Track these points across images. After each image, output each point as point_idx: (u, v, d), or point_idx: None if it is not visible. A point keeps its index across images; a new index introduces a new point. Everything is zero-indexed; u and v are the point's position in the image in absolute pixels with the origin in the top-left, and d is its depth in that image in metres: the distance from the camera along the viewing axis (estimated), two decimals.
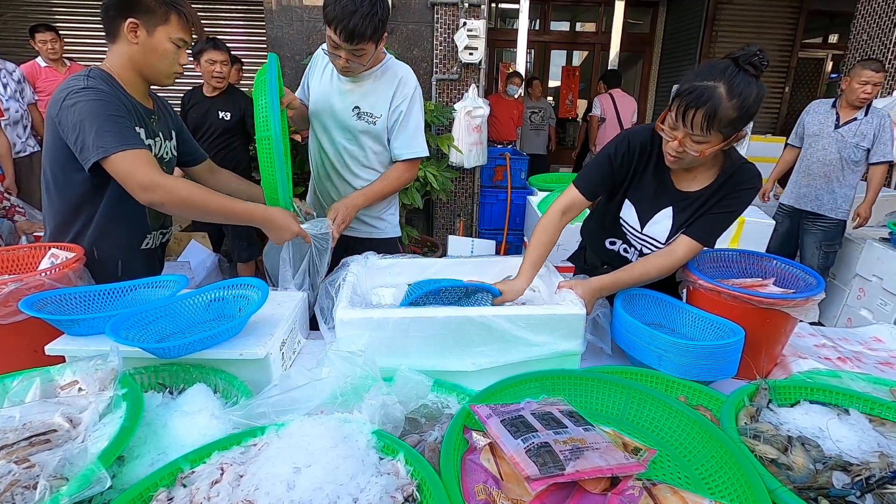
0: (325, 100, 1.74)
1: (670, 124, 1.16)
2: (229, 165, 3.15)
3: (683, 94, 1.10)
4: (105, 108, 1.25)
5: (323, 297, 1.33)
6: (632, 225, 1.38)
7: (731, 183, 1.26)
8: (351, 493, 0.69)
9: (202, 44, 2.94)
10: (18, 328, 1.15)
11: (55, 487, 0.67)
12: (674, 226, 1.32)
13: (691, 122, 1.09)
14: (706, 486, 0.81)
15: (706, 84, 1.08)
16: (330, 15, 1.42)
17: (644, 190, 1.33)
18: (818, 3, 7.22)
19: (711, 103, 1.06)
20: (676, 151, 1.17)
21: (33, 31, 4.21)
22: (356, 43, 1.45)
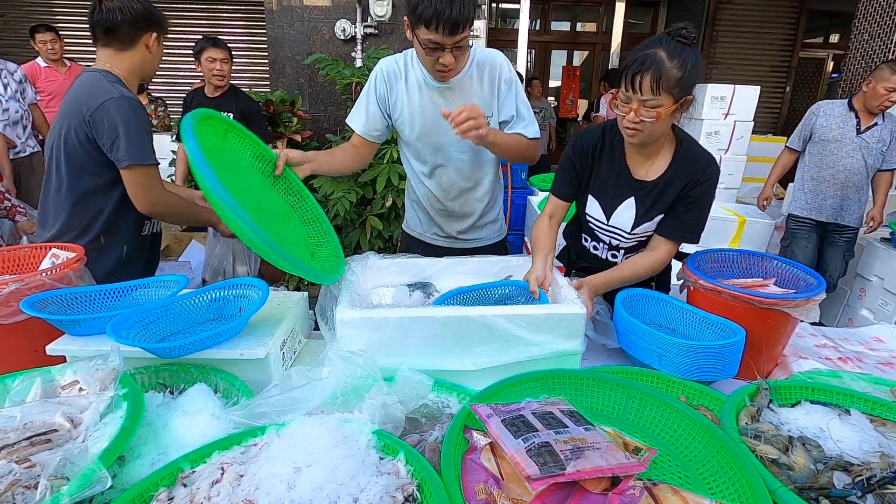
0: (428, 121, 1.55)
1: (622, 99, 1.23)
2: None
3: (629, 65, 1.18)
4: (139, 118, 1.49)
5: (323, 298, 1.33)
6: (597, 218, 1.44)
7: (688, 171, 1.31)
8: (351, 492, 0.69)
9: (202, 42, 2.94)
10: (19, 328, 1.15)
11: (56, 487, 0.67)
12: (637, 214, 1.38)
13: (640, 86, 1.16)
14: (707, 486, 0.81)
15: (647, 51, 1.16)
16: (427, 13, 1.27)
17: (604, 183, 1.41)
18: (819, 3, 7.22)
19: (656, 65, 1.15)
20: (633, 122, 1.22)
21: (33, 32, 4.22)
22: (461, 31, 1.31)
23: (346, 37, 3.86)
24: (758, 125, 4.47)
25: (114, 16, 1.49)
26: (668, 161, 1.34)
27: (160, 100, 5.30)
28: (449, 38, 1.32)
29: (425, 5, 1.27)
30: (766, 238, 3.67)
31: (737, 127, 4.07)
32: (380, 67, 1.58)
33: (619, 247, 1.46)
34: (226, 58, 2.99)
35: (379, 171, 3.35)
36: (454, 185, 1.68)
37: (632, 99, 1.19)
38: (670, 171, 1.33)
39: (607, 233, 1.45)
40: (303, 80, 4.02)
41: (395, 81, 1.57)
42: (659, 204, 1.35)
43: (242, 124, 3.23)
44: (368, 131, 1.63)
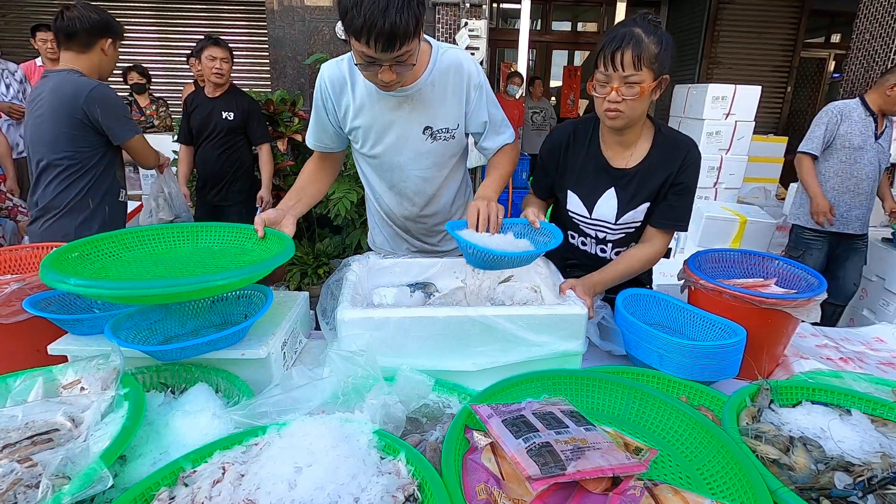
0: (383, 135, 1.39)
1: (601, 80, 1.21)
2: (234, 165, 3.18)
3: (606, 44, 1.18)
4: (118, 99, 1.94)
5: (325, 298, 1.33)
6: (580, 214, 1.43)
7: (673, 157, 1.32)
8: (352, 492, 0.69)
9: (203, 41, 2.94)
10: (21, 328, 1.16)
11: (57, 486, 0.67)
12: (619, 204, 1.37)
13: (622, 62, 1.16)
14: (708, 486, 0.81)
15: (624, 29, 1.17)
16: (356, 24, 1.05)
17: (583, 176, 1.39)
18: (820, 3, 7.21)
19: (635, 39, 1.15)
20: (614, 102, 1.20)
21: (34, 31, 4.23)
22: (399, 47, 1.09)
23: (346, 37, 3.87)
24: (759, 125, 4.48)
25: (73, 24, 1.79)
26: (647, 148, 1.34)
27: (161, 100, 5.30)
28: (384, 53, 1.10)
29: (354, 14, 1.04)
30: (768, 238, 3.67)
31: (738, 127, 4.07)
32: (322, 76, 1.37)
33: (607, 239, 1.44)
34: (226, 57, 2.99)
35: None
36: (418, 193, 1.53)
37: (612, 77, 1.18)
38: (651, 157, 1.33)
39: (591, 226, 1.44)
40: (303, 79, 4.02)
41: (342, 91, 1.38)
42: (642, 191, 1.34)
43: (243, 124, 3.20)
44: (324, 144, 1.50)
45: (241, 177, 3.22)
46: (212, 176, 3.18)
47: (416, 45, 1.15)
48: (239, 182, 3.23)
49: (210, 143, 3.10)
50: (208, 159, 3.14)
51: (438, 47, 1.35)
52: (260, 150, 3.21)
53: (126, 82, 5.08)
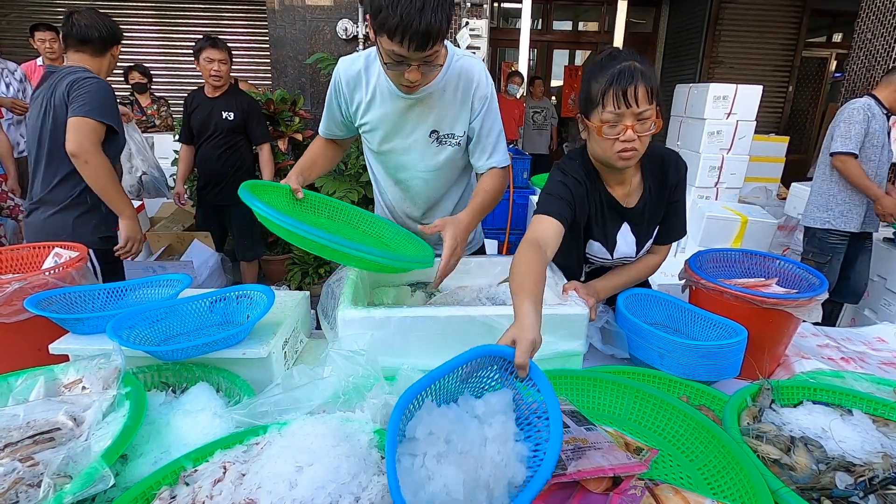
0: (392, 134, 1.41)
1: (610, 120, 1.12)
2: (235, 165, 3.18)
3: (614, 81, 1.09)
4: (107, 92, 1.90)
5: (325, 298, 1.33)
6: (602, 257, 1.39)
7: (663, 177, 1.31)
8: (353, 491, 0.69)
9: (202, 42, 2.93)
10: (22, 327, 1.16)
11: (59, 485, 0.67)
12: (637, 241, 1.36)
13: (635, 98, 1.09)
14: (708, 486, 0.81)
15: (624, 64, 1.10)
16: (391, 22, 1.05)
17: (601, 222, 1.33)
18: (821, 2, 7.19)
19: (644, 74, 1.09)
20: (630, 141, 1.13)
21: (33, 30, 4.23)
22: (431, 47, 1.10)
23: (347, 36, 3.87)
24: (760, 125, 4.47)
25: (90, 31, 1.93)
26: (640, 179, 1.31)
27: (163, 99, 5.31)
28: (416, 52, 1.11)
29: (389, 13, 1.05)
30: (769, 238, 3.67)
31: (739, 126, 4.06)
32: (337, 71, 1.40)
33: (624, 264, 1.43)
34: (224, 58, 2.98)
35: None
36: (421, 194, 1.53)
37: (625, 115, 1.11)
38: (648, 184, 1.30)
39: (614, 263, 1.41)
40: (304, 79, 4.02)
41: (356, 87, 1.39)
42: (653, 221, 1.35)
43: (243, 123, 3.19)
44: (332, 133, 1.55)
45: (242, 176, 3.22)
46: (213, 176, 3.19)
47: (442, 47, 1.17)
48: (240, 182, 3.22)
49: (211, 143, 3.10)
50: (209, 159, 3.15)
51: (454, 53, 1.35)
52: (260, 150, 3.21)
53: (127, 82, 5.08)
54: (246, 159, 3.23)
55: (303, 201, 1.39)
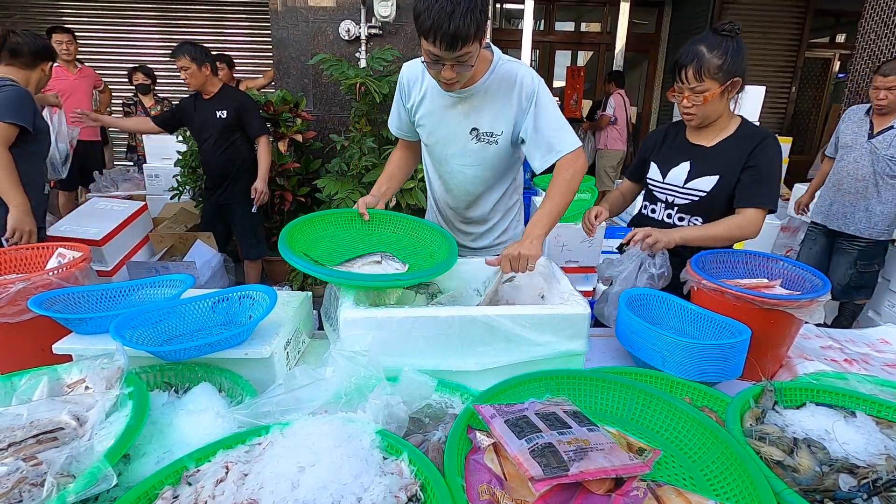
0: (437, 127, 1.53)
1: (676, 89, 1.49)
2: (236, 163, 3.21)
3: (677, 60, 1.46)
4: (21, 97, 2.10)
5: (328, 300, 1.33)
6: (656, 179, 1.66)
7: (748, 143, 1.51)
8: (355, 492, 0.69)
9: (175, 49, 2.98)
10: (26, 327, 1.16)
11: (62, 485, 0.67)
12: (690, 172, 1.58)
13: (686, 76, 1.44)
14: (711, 487, 0.81)
15: (690, 48, 1.43)
16: (426, 24, 1.21)
17: (664, 152, 1.66)
18: (825, 3, 7.17)
19: (697, 57, 1.41)
20: (686, 108, 1.50)
21: (51, 32, 4.28)
22: (460, 48, 1.24)
23: (350, 37, 3.87)
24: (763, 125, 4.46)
25: (21, 48, 2.17)
26: (729, 132, 1.56)
27: (166, 100, 5.33)
28: (447, 52, 1.25)
29: (425, 17, 1.21)
30: (772, 239, 3.66)
31: None
32: (402, 72, 1.59)
33: (674, 203, 1.61)
34: (186, 65, 2.99)
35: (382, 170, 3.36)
36: (460, 187, 1.64)
37: (682, 88, 1.46)
38: (729, 141, 1.54)
39: (663, 190, 1.64)
40: (307, 80, 4.02)
41: (413, 86, 1.56)
42: (713, 166, 1.53)
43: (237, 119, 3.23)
44: (403, 132, 1.68)
45: (243, 175, 3.27)
46: (215, 176, 3.23)
47: (477, 49, 1.29)
48: (242, 181, 3.26)
49: (210, 143, 3.15)
50: (210, 160, 3.20)
51: (499, 59, 1.46)
52: (258, 143, 3.24)
53: (131, 83, 5.10)
54: (246, 157, 3.27)
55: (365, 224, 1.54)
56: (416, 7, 1.24)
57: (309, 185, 3.80)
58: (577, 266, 3.05)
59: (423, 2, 1.20)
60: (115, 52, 6.94)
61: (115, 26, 6.88)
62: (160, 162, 4.47)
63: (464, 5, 1.18)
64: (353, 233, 1.53)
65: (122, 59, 6.77)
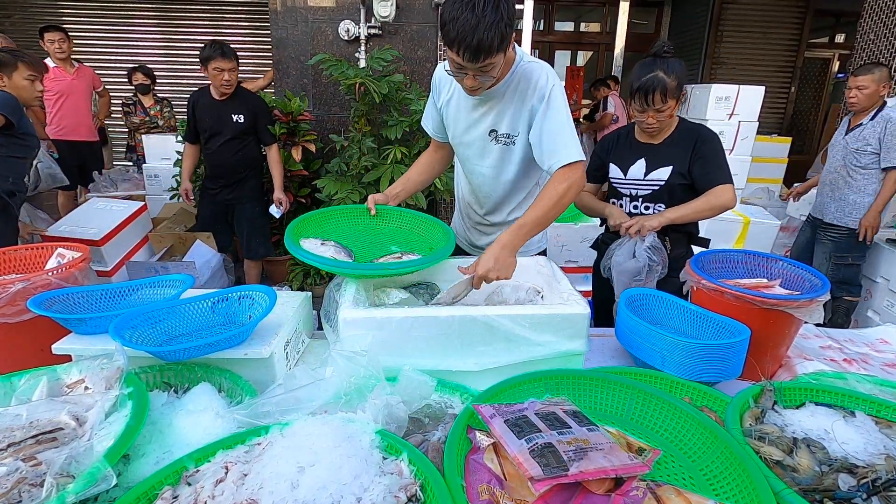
0: (460, 128, 1.57)
1: (639, 109, 1.70)
2: (247, 165, 3.21)
3: (639, 88, 1.66)
4: None
5: (328, 302, 1.33)
6: (618, 177, 1.84)
7: (689, 138, 1.73)
8: (354, 492, 0.69)
9: (209, 50, 2.93)
10: (25, 327, 1.16)
11: (61, 485, 0.67)
12: (647, 167, 1.78)
13: (653, 101, 1.65)
14: (711, 487, 0.81)
15: (650, 75, 1.63)
16: (451, 35, 1.22)
17: (619, 154, 1.86)
18: (824, 3, 7.18)
19: (661, 84, 1.62)
20: (651, 124, 1.70)
21: (43, 32, 4.25)
22: (483, 60, 1.24)
23: (349, 37, 3.87)
24: (763, 126, 4.46)
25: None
26: (671, 130, 1.78)
27: (165, 100, 5.32)
28: (470, 63, 1.26)
29: (450, 28, 1.22)
30: (772, 239, 3.66)
31: (741, 127, 4.06)
32: (435, 72, 1.63)
33: (638, 195, 1.81)
34: (233, 67, 3.00)
35: (383, 171, 3.36)
36: (481, 189, 1.64)
37: (647, 110, 1.67)
38: (674, 136, 1.77)
39: (626, 185, 1.82)
40: (307, 80, 4.02)
41: (442, 87, 1.60)
42: (665, 158, 1.75)
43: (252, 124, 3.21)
44: (437, 133, 1.70)
45: (253, 175, 3.30)
46: (226, 176, 3.23)
47: (500, 60, 1.29)
48: (251, 180, 3.30)
49: (224, 145, 3.13)
50: (222, 160, 3.18)
51: (521, 58, 1.44)
52: (269, 151, 3.25)
53: (131, 83, 5.10)
54: (257, 158, 3.29)
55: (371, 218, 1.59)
56: (442, 16, 1.25)
57: (309, 185, 3.80)
58: (577, 266, 3.05)
59: (450, 12, 1.21)
60: (114, 52, 6.94)
61: (114, 26, 6.88)
62: (160, 162, 4.47)
63: (489, 18, 1.18)
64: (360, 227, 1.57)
65: (121, 59, 6.77)
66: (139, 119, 5.11)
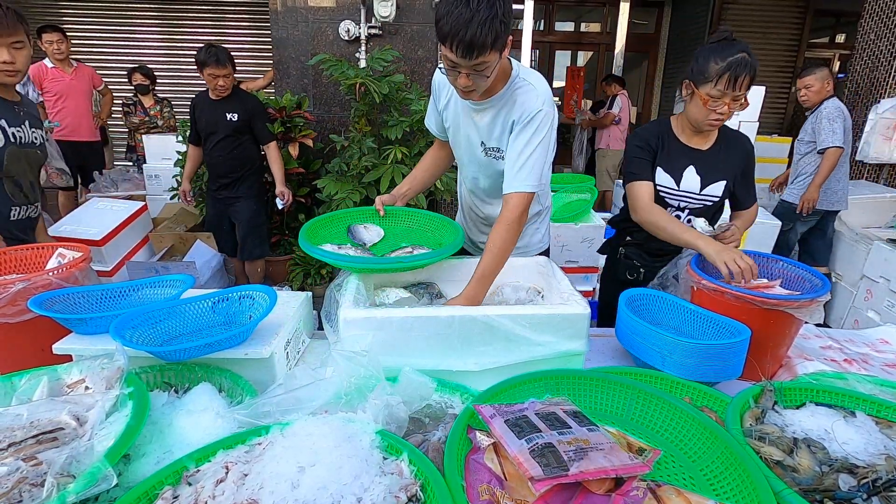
0: (456, 134, 1.57)
1: (716, 95, 1.46)
2: (245, 164, 3.22)
3: (732, 68, 1.41)
4: None
5: (328, 302, 1.33)
6: (668, 186, 1.66)
7: (738, 147, 1.65)
8: (355, 492, 0.69)
9: (204, 55, 2.96)
10: (26, 327, 1.16)
11: (62, 485, 0.67)
12: (701, 178, 1.63)
13: (742, 85, 1.43)
14: (711, 487, 0.81)
15: (737, 56, 1.41)
16: (444, 30, 1.20)
17: (668, 159, 1.66)
18: (825, 3, 7.18)
19: (752, 67, 1.42)
20: (721, 116, 1.49)
21: (40, 32, 4.25)
22: (476, 56, 1.22)
23: (350, 37, 3.87)
24: (763, 125, 4.46)
25: None
26: (715, 134, 1.65)
27: (165, 100, 5.33)
28: (463, 59, 1.23)
29: (444, 22, 1.20)
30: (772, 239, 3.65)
31: (741, 127, 4.05)
32: (436, 74, 1.59)
33: (687, 208, 1.67)
34: (228, 73, 3.02)
35: (383, 171, 3.36)
36: (477, 194, 1.67)
37: (726, 94, 1.44)
38: (719, 142, 1.64)
39: (677, 197, 1.66)
40: (307, 80, 4.02)
41: (441, 90, 1.59)
42: (717, 170, 1.62)
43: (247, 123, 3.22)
44: (439, 133, 1.70)
45: (250, 174, 3.31)
46: (223, 175, 3.25)
47: (494, 60, 1.27)
48: (248, 179, 3.30)
49: (218, 143, 3.16)
50: (218, 160, 3.21)
51: (518, 73, 1.43)
52: (267, 150, 3.26)
53: (130, 83, 5.10)
54: (254, 157, 3.30)
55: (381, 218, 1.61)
56: (437, 11, 1.24)
57: (309, 185, 3.80)
58: (577, 266, 3.04)
59: (444, 7, 1.20)
60: (114, 52, 6.94)
61: (114, 26, 6.89)
62: (160, 162, 4.47)
63: (483, 14, 1.17)
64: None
65: (121, 59, 6.77)
66: (139, 119, 5.11)
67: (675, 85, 5.87)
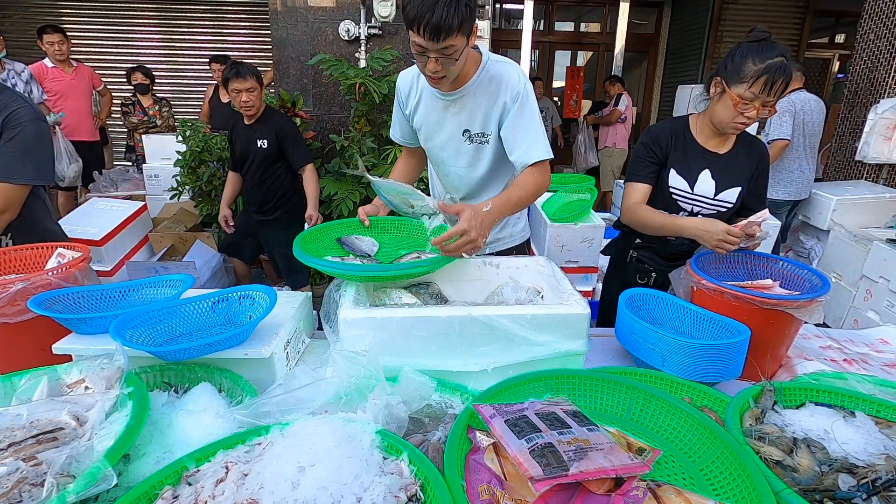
0: (431, 130, 1.58)
1: (748, 98, 1.40)
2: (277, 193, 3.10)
3: (768, 72, 1.36)
4: None
5: (327, 303, 1.33)
6: (682, 189, 1.62)
7: (753, 152, 1.60)
8: (355, 492, 0.69)
9: (227, 72, 2.81)
10: (26, 327, 1.16)
11: (62, 485, 0.67)
12: (716, 183, 1.59)
13: (776, 90, 1.38)
14: (711, 487, 0.81)
15: (776, 60, 1.37)
16: (410, 14, 1.24)
17: (684, 160, 1.62)
18: (825, 3, 7.18)
19: (789, 73, 1.37)
20: (748, 121, 1.44)
21: (41, 32, 4.26)
22: (444, 39, 1.25)
23: (350, 37, 3.87)
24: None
25: None
26: (733, 139, 1.61)
27: (164, 100, 5.33)
28: (431, 42, 1.26)
29: (411, 6, 1.24)
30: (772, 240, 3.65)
31: None
32: (398, 81, 1.63)
33: (700, 213, 1.63)
34: (251, 86, 2.82)
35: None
36: (458, 189, 1.67)
37: (758, 98, 1.39)
38: (737, 146, 1.60)
39: (691, 201, 1.62)
40: (307, 80, 4.02)
41: (409, 92, 1.60)
42: (733, 175, 1.59)
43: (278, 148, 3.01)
44: (406, 140, 1.72)
45: (283, 203, 3.16)
46: (256, 203, 3.15)
47: (462, 44, 1.30)
48: (282, 208, 3.17)
49: (251, 172, 3.05)
50: (252, 188, 3.12)
51: (488, 59, 1.48)
52: (303, 172, 3.10)
53: (130, 83, 5.11)
54: (287, 185, 3.14)
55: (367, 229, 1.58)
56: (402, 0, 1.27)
57: None
58: (577, 266, 3.04)
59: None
60: (113, 52, 6.94)
61: (113, 26, 6.88)
62: (160, 162, 4.47)
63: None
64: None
65: (120, 59, 6.77)
66: (138, 119, 5.11)
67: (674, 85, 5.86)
